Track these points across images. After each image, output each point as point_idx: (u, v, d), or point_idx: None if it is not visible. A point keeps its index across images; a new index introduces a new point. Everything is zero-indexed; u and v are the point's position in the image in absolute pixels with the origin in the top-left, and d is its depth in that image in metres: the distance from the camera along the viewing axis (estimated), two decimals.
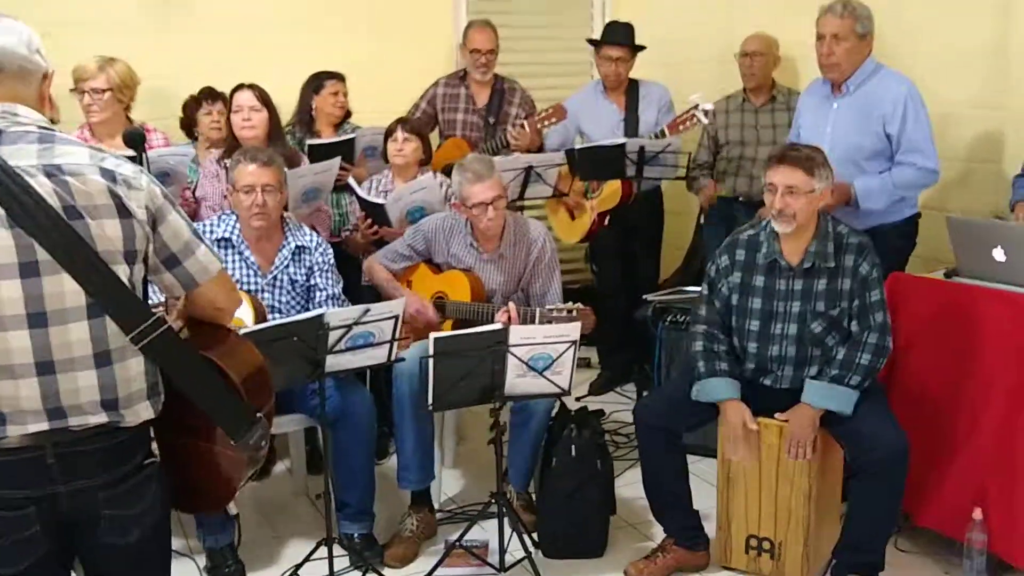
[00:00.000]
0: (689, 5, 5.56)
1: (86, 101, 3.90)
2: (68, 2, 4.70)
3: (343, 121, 4.53)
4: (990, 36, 3.89)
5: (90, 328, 1.71)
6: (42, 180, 1.66)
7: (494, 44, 4.87)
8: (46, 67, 1.81)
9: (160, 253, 1.81)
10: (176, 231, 1.82)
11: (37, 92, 1.79)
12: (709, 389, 3.12)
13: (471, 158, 3.61)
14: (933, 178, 3.62)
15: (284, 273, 3.45)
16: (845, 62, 3.59)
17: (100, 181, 1.71)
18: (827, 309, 3.03)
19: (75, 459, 1.76)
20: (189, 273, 1.86)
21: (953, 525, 3.15)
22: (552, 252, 3.68)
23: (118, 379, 1.76)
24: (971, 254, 3.19)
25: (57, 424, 1.73)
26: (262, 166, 3.36)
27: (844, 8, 3.57)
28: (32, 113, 1.75)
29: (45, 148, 1.71)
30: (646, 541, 3.47)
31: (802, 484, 3.07)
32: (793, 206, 2.96)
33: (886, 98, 3.55)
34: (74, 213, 1.67)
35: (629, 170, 4.41)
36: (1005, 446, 3.03)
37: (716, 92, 4.72)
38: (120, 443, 1.80)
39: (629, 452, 4.06)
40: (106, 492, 1.79)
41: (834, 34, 3.57)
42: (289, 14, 5.17)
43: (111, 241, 1.71)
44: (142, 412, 1.81)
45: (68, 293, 1.69)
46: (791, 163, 2.97)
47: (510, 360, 2.97)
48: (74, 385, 1.72)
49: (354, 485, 3.33)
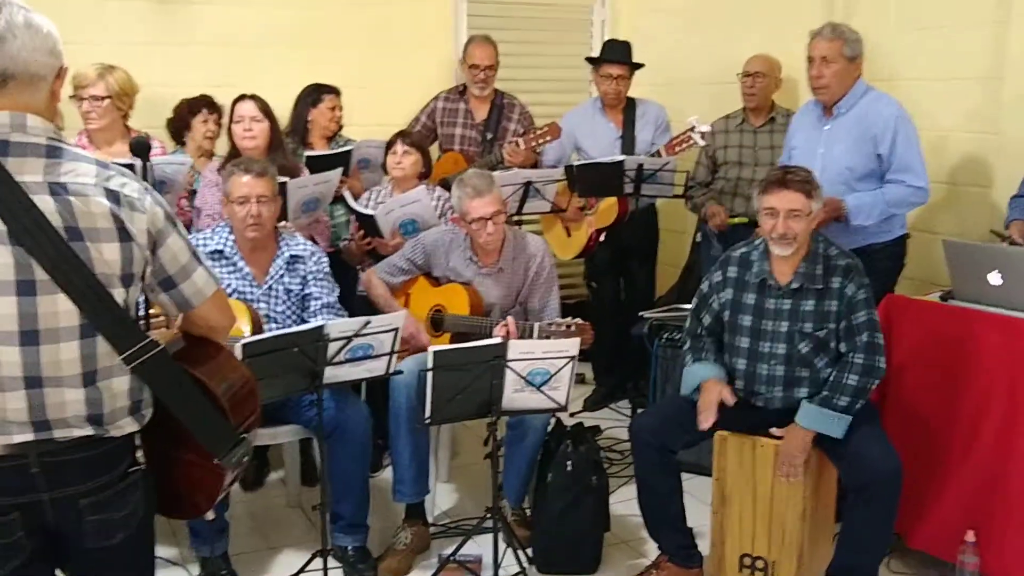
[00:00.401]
0: (688, 26, 5.60)
1: (85, 108, 3.90)
2: (67, 14, 4.70)
3: (335, 134, 4.55)
4: (984, 62, 3.95)
5: (81, 347, 1.72)
6: (46, 199, 1.66)
7: (493, 60, 4.89)
8: (61, 63, 1.77)
9: (157, 275, 1.82)
10: (175, 254, 1.83)
11: (47, 95, 1.76)
12: (692, 373, 3.15)
13: (471, 173, 3.62)
14: (923, 196, 3.68)
15: (279, 283, 3.45)
16: (835, 84, 3.66)
17: (104, 203, 1.71)
18: (814, 330, 3.06)
19: (59, 468, 1.76)
20: (184, 296, 1.86)
21: (946, 547, 3.17)
22: (551, 267, 3.70)
23: (104, 396, 1.76)
24: (967, 277, 3.21)
25: (42, 435, 1.73)
26: (256, 177, 3.36)
27: (833, 31, 3.65)
28: (41, 123, 1.73)
29: (52, 163, 1.70)
30: (640, 558, 3.47)
31: (796, 504, 3.08)
32: (795, 229, 3.00)
33: (877, 120, 3.62)
34: (75, 235, 1.68)
35: (627, 187, 4.44)
36: (998, 468, 3.05)
37: (713, 113, 4.75)
38: (104, 452, 1.80)
39: (624, 469, 4.07)
40: (88, 499, 1.79)
41: (823, 57, 3.65)
42: (289, 26, 5.19)
43: (109, 264, 1.71)
44: (126, 426, 1.82)
45: (62, 313, 1.69)
46: (794, 187, 3.00)
47: (508, 375, 2.98)
48: (60, 399, 1.72)
49: (349, 497, 3.33)
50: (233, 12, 5.09)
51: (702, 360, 3.18)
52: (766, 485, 3.12)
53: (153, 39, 4.92)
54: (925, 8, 4.16)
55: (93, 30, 4.73)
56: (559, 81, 6.00)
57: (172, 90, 4.54)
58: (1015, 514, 3.00)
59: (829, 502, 3.28)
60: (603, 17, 6.08)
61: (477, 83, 4.89)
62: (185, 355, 1.90)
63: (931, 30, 4.14)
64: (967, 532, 3.06)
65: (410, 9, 5.49)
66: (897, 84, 4.27)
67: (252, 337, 2.80)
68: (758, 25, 4.92)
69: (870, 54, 3.77)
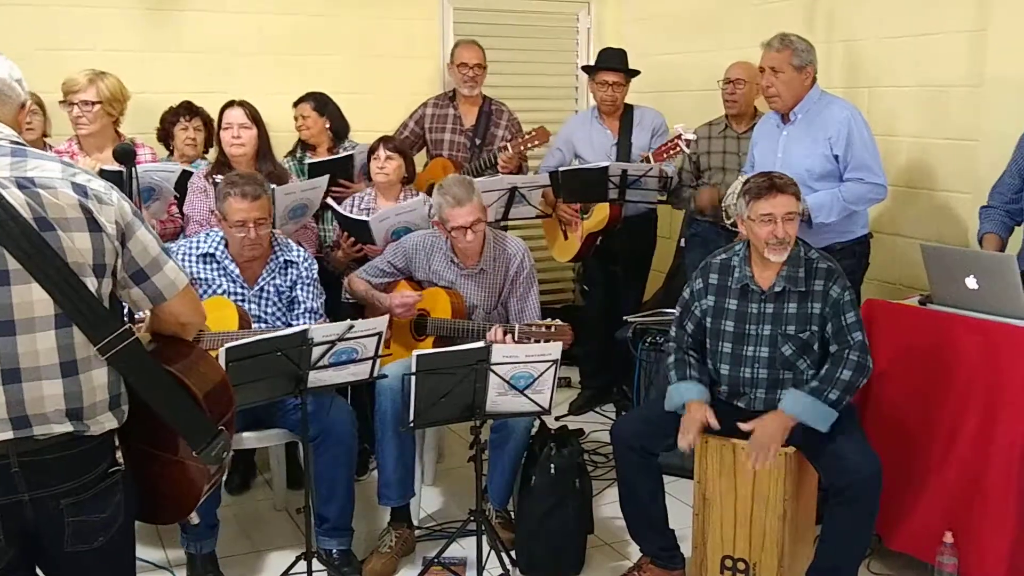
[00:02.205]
0: (672, 33, 5.65)
1: (75, 113, 3.88)
2: (59, 22, 4.75)
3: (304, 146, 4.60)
4: (962, 70, 4.00)
5: (57, 337, 1.74)
6: (14, 192, 1.69)
7: (481, 59, 4.93)
8: (24, 97, 1.85)
9: (128, 268, 1.85)
10: (145, 246, 1.86)
11: (13, 117, 1.84)
12: (676, 392, 3.17)
13: (452, 180, 3.61)
14: (882, 192, 3.75)
15: (271, 284, 3.48)
16: (785, 93, 3.76)
17: (71, 195, 1.74)
18: (797, 332, 3.09)
19: (40, 467, 1.77)
20: (157, 288, 1.89)
21: (925, 548, 3.20)
22: (530, 268, 3.73)
23: (83, 389, 1.78)
24: (945, 282, 3.26)
25: (22, 433, 1.74)
26: (252, 201, 3.37)
27: (781, 42, 3.74)
28: (5, 128, 1.79)
29: (17, 161, 1.74)
30: (623, 560, 3.50)
31: (777, 506, 3.11)
32: (792, 232, 3.04)
33: (831, 122, 3.71)
34: (45, 224, 1.70)
35: (612, 193, 4.48)
36: (976, 470, 3.08)
37: (697, 119, 4.80)
38: (84, 451, 1.82)
39: (608, 472, 4.10)
40: (69, 499, 1.80)
41: (772, 67, 3.75)
42: (280, 35, 5.24)
43: (81, 253, 1.74)
44: (106, 422, 1.84)
45: (37, 302, 1.71)
46: (787, 191, 3.05)
47: (492, 378, 3.01)
48: (39, 394, 1.74)
49: (334, 500, 3.35)
50: (225, 20, 5.13)
51: (687, 379, 3.19)
52: (747, 487, 3.15)
53: (145, 46, 4.95)
54: (904, 17, 4.22)
55: (85, 38, 4.77)
56: (546, 88, 6.06)
57: (165, 97, 4.57)
58: (993, 515, 3.03)
59: (810, 504, 3.31)
60: (588, 25, 6.13)
61: (467, 82, 4.91)
62: (158, 354, 1.92)
63: (910, 38, 4.19)
64: (945, 533, 3.09)
65: (399, 18, 5.54)
66: (877, 91, 4.33)
67: (235, 342, 2.82)
68: (741, 33, 4.96)
69: (851, 62, 3.82)
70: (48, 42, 4.67)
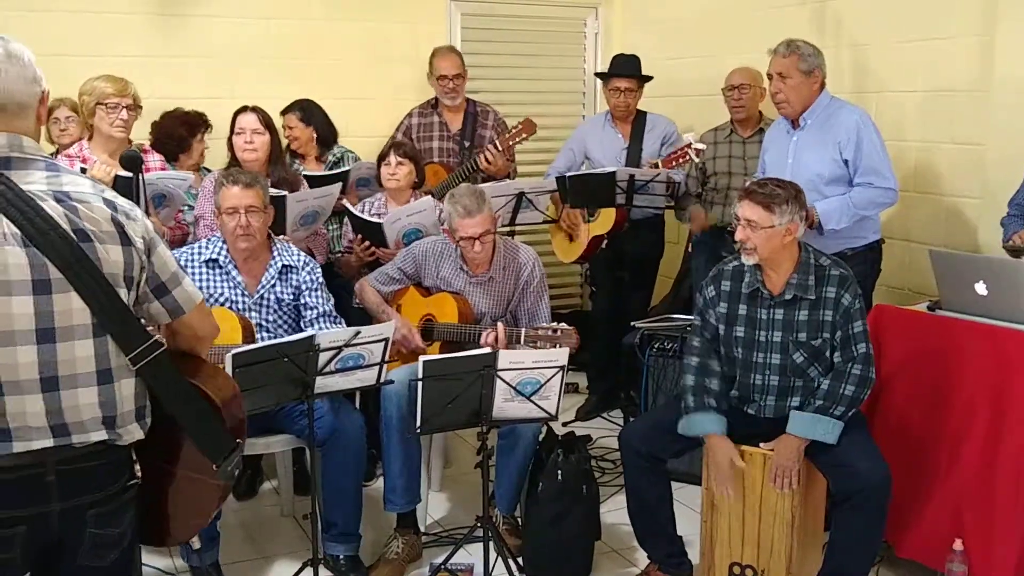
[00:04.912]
0: (679, 38, 5.65)
1: (123, 116, 3.74)
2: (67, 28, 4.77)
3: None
4: (970, 75, 4.00)
5: (95, 346, 1.79)
6: (53, 204, 1.75)
7: (460, 69, 4.96)
8: (43, 89, 1.87)
9: (151, 282, 1.89)
10: (165, 262, 1.92)
11: (35, 119, 1.86)
12: (695, 423, 3.15)
13: (463, 190, 3.60)
14: (892, 197, 3.73)
15: (271, 292, 3.48)
16: (793, 98, 3.75)
17: (105, 209, 1.81)
18: (808, 339, 3.07)
19: (75, 476, 1.81)
20: (177, 301, 1.94)
21: (934, 555, 3.18)
22: (541, 276, 3.73)
23: (117, 397, 1.82)
24: (954, 288, 3.24)
25: (61, 441, 1.78)
26: (245, 188, 3.39)
27: (787, 48, 3.73)
28: (35, 145, 1.84)
29: (52, 176, 1.80)
30: (630, 567, 3.49)
31: (785, 513, 3.10)
32: (753, 240, 3.02)
33: (840, 127, 3.69)
34: (84, 236, 1.76)
35: (619, 198, 4.48)
36: (985, 477, 3.07)
37: (704, 124, 4.80)
38: (114, 461, 1.86)
39: (615, 478, 4.09)
40: (95, 510, 1.84)
41: (779, 73, 3.74)
42: (286, 40, 5.26)
43: (115, 265, 1.80)
44: (135, 432, 1.88)
45: (76, 311, 1.76)
46: (752, 199, 3.04)
47: (498, 384, 3.00)
48: (76, 402, 1.78)
49: (341, 506, 3.34)
50: (231, 26, 5.15)
51: (705, 408, 3.14)
52: (755, 494, 3.14)
53: (152, 52, 4.96)
54: (912, 22, 4.21)
55: (93, 43, 4.77)
56: (554, 93, 6.06)
57: (173, 102, 4.57)
58: (1002, 522, 3.02)
59: (818, 511, 3.30)
60: (596, 30, 6.13)
61: (448, 94, 4.93)
62: (178, 367, 1.94)
63: (918, 43, 4.19)
64: (955, 541, 3.08)
65: (406, 23, 5.55)
66: (885, 96, 4.32)
67: (243, 347, 2.82)
68: (748, 38, 4.96)
69: (859, 67, 3.81)
70: (55, 48, 4.67)
